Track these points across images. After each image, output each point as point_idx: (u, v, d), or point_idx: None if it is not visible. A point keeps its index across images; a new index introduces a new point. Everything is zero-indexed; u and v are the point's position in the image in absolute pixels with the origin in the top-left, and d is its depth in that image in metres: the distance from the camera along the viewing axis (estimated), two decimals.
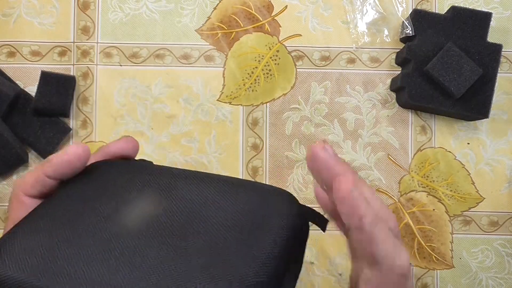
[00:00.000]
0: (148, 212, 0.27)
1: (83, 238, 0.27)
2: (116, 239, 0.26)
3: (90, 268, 0.25)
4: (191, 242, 0.26)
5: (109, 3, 0.46)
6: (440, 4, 0.47)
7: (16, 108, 0.44)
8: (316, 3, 0.47)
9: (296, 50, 0.46)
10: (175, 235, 0.26)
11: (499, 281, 0.45)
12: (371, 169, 0.46)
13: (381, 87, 0.46)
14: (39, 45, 0.45)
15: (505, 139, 0.46)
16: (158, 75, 0.46)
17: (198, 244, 0.26)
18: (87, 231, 0.27)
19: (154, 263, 0.25)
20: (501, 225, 0.46)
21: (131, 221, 0.28)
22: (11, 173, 0.44)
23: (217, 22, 0.46)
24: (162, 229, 0.27)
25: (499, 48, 0.44)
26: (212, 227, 0.26)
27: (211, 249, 0.26)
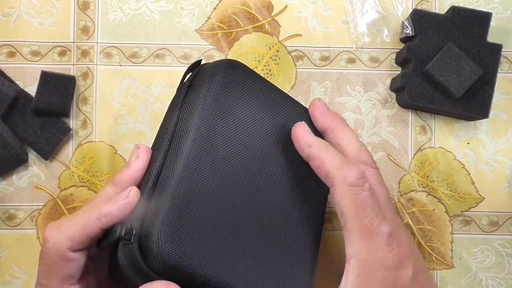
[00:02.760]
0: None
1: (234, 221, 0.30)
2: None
3: (246, 265, 0.29)
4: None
5: (109, 3, 0.46)
6: (440, 4, 0.47)
7: (16, 108, 0.44)
8: (316, 3, 0.47)
9: (296, 50, 0.46)
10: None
11: (499, 281, 0.45)
12: None
13: (381, 87, 0.46)
14: (39, 45, 0.45)
15: (505, 139, 0.46)
16: (158, 75, 0.46)
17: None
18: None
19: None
20: (501, 225, 0.46)
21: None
22: (11, 173, 0.44)
23: (217, 22, 0.46)
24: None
25: (499, 48, 0.44)
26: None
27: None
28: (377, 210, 0.31)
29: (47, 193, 0.45)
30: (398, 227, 0.32)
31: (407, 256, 0.31)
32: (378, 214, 0.31)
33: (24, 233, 0.44)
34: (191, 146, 0.30)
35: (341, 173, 0.31)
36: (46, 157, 0.44)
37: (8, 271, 0.44)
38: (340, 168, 0.31)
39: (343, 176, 0.31)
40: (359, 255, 0.30)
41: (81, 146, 0.45)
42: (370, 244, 0.30)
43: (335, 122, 0.36)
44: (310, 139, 0.33)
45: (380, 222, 0.30)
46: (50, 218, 0.45)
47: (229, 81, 0.34)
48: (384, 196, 0.34)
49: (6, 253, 0.44)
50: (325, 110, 0.37)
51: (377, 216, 0.30)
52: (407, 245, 0.32)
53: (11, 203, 0.45)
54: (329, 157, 0.32)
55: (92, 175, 0.45)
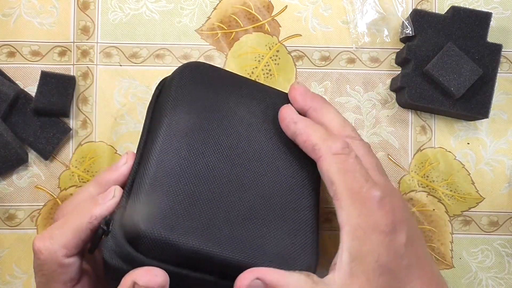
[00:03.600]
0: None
1: (218, 189, 0.31)
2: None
3: (232, 227, 0.30)
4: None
5: (109, 3, 0.46)
6: (440, 4, 0.47)
7: (16, 108, 0.44)
8: (316, 3, 0.47)
9: (296, 50, 0.46)
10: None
11: (499, 281, 0.45)
12: None
13: (381, 87, 0.46)
14: (39, 45, 0.45)
15: (505, 139, 0.46)
16: (158, 75, 0.46)
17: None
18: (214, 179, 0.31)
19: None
20: (501, 225, 0.46)
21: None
22: (11, 173, 0.44)
23: (217, 22, 0.46)
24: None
25: (499, 48, 0.44)
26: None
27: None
28: (366, 176, 0.31)
29: (47, 193, 0.45)
30: (391, 193, 0.32)
31: (401, 221, 0.31)
32: (367, 179, 0.31)
33: (24, 233, 0.44)
34: (164, 134, 0.32)
35: (326, 144, 0.32)
36: (46, 157, 0.44)
37: (8, 271, 0.44)
38: (325, 140, 0.32)
39: (328, 147, 0.32)
40: (351, 220, 0.30)
41: (81, 146, 0.45)
42: (361, 208, 0.30)
43: (316, 101, 0.37)
44: (295, 117, 0.34)
45: (370, 187, 0.31)
46: (50, 218, 0.45)
47: (197, 76, 0.36)
48: (373, 165, 0.34)
49: (6, 253, 0.44)
50: (306, 91, 0.37)
51: (367, 181, 0.31)
52: (401, 210, 0.32)
53: (11, 203, 0.45)
54: (314, 131, 0.33)
55: (92, 175, 0.45)
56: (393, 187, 0.34)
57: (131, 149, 0.45)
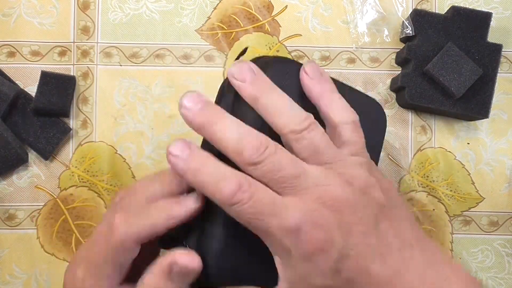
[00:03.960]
0: None
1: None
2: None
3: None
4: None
5: (109, 3, 0.46)
6: (440, 4, 0.47)
7: (16, 108, 0.44)
8: (316, 3, 0.47)
9: (296, 50, 0.46)
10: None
11: (499, 281, 0.45)
12: None
13: (381, 87, 0.46)
14: (39, 45, 0.45)
15: (505, 139, 0.46)
16: (158, 75, 0.46)
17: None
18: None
19: None
20: (501, 225, 0.46)
21: None
22: (11, 173, 0.44)
23: (217, 22, 0.46)
24: None
25: (499, 48, 0.44)
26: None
27: None
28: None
29: (47, 193, 0.45)
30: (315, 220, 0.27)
31: (328, 241, 0.27)
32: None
33: (24, 233, 0.44)
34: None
35: (217, 197, 0.28)
36: (46, 157, 0.44)
37: (8, 271, 0.44)
38: (215, 192, 0.28)
39: (219, 199, 0.28)
40: (277, 254, 0.29)
41: (81, 146, 0.45)
42: (280, 245, 0.28)
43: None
44: (180, 166, 0.28)
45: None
46: (50, 218, 0.45)
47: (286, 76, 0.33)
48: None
49: (6, 253, 0.44)
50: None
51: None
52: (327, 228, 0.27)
53: (11, 203, 0.45)
54: (205, 182, 0.28)
55: (92, 175, 0.45)
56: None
57: (131, 149, 0.45)
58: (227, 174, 0.27)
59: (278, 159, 0.28)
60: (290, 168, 0.28)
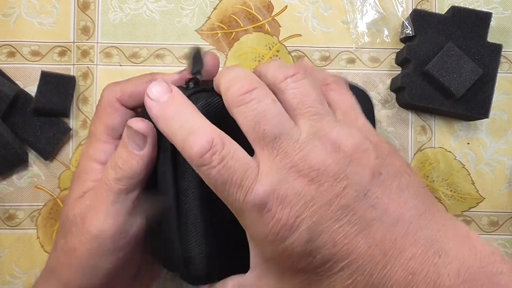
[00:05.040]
0: None
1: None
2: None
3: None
4: None
5: (109, 3, 0.46)
6: (440, 4, 0.47)
7: (16, 108, 0.44)
8: (316, 3, 0.47)
9: (296, 50, 0.46)
10: None
11: None
12: None
13: (381, 87, 0.46)
14: (39, 45, 0.45)
15: (505, 139, 0.46)
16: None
17: None
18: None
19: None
20: (501, 225, 0.46)
21: None
22: (11, 173, 0.44)
23: (217, 22, 0.46)
24: None
25: (499, 48, 0.44)
26: None
27: None
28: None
29: (47, 193, 0.45)
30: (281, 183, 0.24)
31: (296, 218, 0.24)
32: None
33: (24, 233, 0.44)
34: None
35: (185, 152, 0.25)
36: (46, 157, 0.44)
37: (8, 271, 0.44)
38: (183, 146, 0.25)
39: (187, 156, 0.25)
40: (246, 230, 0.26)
41: (81, 146, 0.45)
42: (244, 220, 0.25)
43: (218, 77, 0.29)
44: (154, 111, 0.27)
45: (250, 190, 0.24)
46: (50, 218, 0.45)
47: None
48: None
49: (6, 253, 0.44)
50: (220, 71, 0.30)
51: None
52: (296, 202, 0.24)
53: (11, 203, 0.45)
54: (175, 133, 0.26)
55: None
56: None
57: None
58: (200, 128, 0.24)
59: (263, 108, 0.25)
60: (274, 122, 0.24)
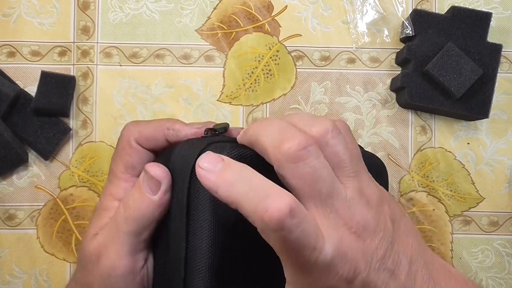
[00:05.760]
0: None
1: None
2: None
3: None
4: None
5: (109, 3, 0.46)
6: (440, 4, 0.47)
7: (16, 108, 0.44)
8: (316, 3, 0.47)
9: (296, 50, 0.46)
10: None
11: (499, 281, 0.45)
12: None
13: (381, 87, 0.46)
14: (39, 45, 0.45)
15: (505, 139, 0.46)
16: (158, 75, 0.46)
17: None
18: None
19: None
20: (501, 225, 0.46)
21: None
22: (11, 173, 0.44)
23: (217, 22, 0.46)
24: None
25: (499, 48, 0.44)
26: None
27: None
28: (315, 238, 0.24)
29: (47, 193, 0.45)
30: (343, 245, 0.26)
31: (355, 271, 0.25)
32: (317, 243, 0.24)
33: (24, 233, 0.44)
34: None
35: (258, 216, 0.23)
36: (46, 157, 0.44)
37: (8, 271, 0.44)
38: (257, 210, 0.23)
39: (262, 220, 0.23)
40: (297, 284, 0.26)
41: (81, 146, 0.45)
42: (308, 277, 0.25)
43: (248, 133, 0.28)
44: (211, 179, 0.25)
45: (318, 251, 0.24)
46: (50, 218, 0.45)
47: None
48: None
49: (6, 253, 0.44)
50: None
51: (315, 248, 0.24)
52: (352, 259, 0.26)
53: (11, 203, 0.45)
54: (243, 197, 0.24)
55: (92, 175, 0.45)
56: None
57: None
58: (274, 191, 0.23)
59: (320, 166, 0.25)
60: (328, 181, 0.25)
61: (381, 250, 0.26)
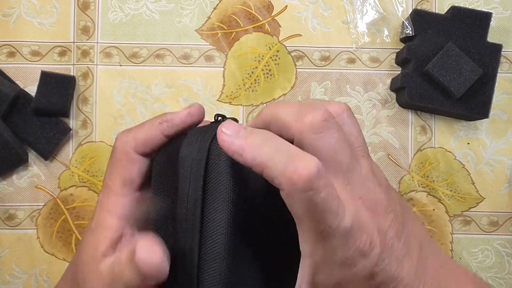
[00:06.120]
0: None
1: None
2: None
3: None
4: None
5: (109, 3, 0.46)
6: (440, 4, 0.47)
7: (16, 108, 0.44)
8: (316, 3, 0.47)
9: (296, 50, 0.46)
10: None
11: (499, 281, 0.45)
12: None
13: (381, 87, 0.46)
14: (39, 45, 0.45)
15: (505, 139, 0.46)
16: (158, 75, 0.46)
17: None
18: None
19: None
20: (501, 225, 0.46)
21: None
22: (11, 173, 0.44)
23: (217, 22, 0.46)
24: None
25: (499, 48, 0.44)
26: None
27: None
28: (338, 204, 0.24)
29: (47, 193, 0.45)
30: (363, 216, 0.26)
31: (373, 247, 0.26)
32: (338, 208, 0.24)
33: (24, 233, 0.44)
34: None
35: (287, 176, 0.23)
36: (46, 157, 0.44)
37: (8, 271, 0.44)
38: (285, 170, 0.23)
39: (291, 179, 0.23)
40: (315, 256, 0.25)
41: (81, 146, 0.45)
42: (327, 245, 0.25)
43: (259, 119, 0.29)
44: (237, 142, 0.25)
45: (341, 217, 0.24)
46: (50, 218, 0.45)
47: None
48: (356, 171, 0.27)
49: (6, 253, 0.44)
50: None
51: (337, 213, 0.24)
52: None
53: (11, 203, 0.45)
54: (270, 158, 0.24)
55: (92, 175, 0.45)
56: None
57: None
58: (301, 153, 0.24)
59: (341, 137, 0.25)
60: (349, 154, 0.25)
61: (394, 229, 0.26)
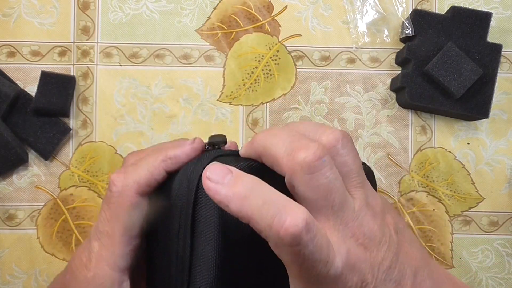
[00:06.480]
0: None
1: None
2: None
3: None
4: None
5: (109, 3, 0.46)
6: (440, 4, 0.47)
7: (16, 108, 0.44)
8: (316, 3, 0.47)
9: (296, 50, 0.46)
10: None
11: (499, 281, 0.45)
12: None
13: (381, 87, 0.46)
14: (39, 45, 0.45)
15: (505, 139, 0.46)
16: (158, 75, 0.46)
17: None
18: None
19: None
20: (501, 225, 0.46)
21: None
22: (11, 173, 0.44)
23: (217, 22, 0.46)
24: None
25: (499, 48, 0.44)
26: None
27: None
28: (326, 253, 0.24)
29: (47, 193, 0.45)
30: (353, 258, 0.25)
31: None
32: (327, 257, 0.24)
33: (24, 233, 0.44)
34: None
35: (274, 230, 0.22)
36: (46, 157, 0.44)
37: (8, 271, 0.44)
38: (272, 225, 0.22)
39: (277, 234, 0.22)
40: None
41: (81, 146, 0.45)
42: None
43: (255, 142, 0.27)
44: (222, 192, 0.23)
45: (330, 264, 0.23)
46: (50, 218, 0.45)
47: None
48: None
49: (6, 253, 0.44)
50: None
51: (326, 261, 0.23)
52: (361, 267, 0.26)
53: (11, 203, 0.45)
54: (257, 211, 0.23)
55: (92, 175, 0.45)
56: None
57: (131, 149, 0.45)
58: (289, 204, 0.23)
59: (334, 177, 0.24)
60: (341, 193, 0.24)
61: (387, 261, 0.26)
